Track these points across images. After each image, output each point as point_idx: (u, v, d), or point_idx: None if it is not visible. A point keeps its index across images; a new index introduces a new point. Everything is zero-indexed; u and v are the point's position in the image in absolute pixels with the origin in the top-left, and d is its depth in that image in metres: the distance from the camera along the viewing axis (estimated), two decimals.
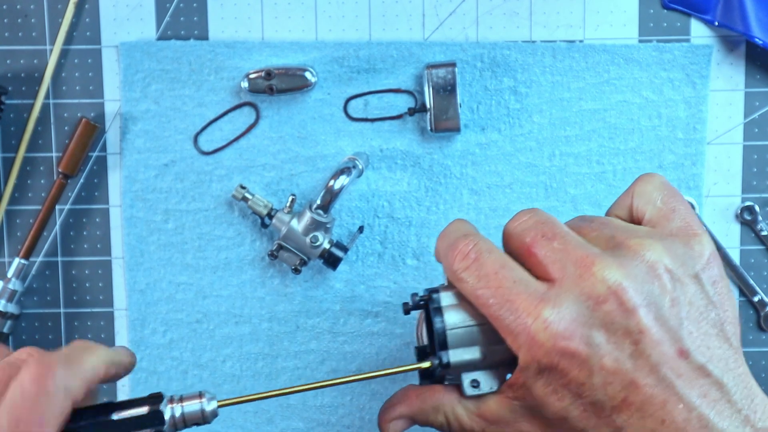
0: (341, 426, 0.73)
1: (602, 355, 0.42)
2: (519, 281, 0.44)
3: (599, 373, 0.42)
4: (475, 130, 0.70)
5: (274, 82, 0.69)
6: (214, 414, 0.47)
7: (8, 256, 0.72)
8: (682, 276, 0.44)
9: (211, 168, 0.71)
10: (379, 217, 0.71)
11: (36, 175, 0.72)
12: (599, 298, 0.42)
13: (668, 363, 0.42)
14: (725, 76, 0.70)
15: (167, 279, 0.72)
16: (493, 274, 0.45)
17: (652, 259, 0.43)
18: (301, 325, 0.72)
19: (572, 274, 0.43)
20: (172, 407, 0.47)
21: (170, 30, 0.71)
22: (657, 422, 0.42)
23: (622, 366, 0.42)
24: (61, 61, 0.71)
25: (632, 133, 0.70)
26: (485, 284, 0.45)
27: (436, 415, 0.49)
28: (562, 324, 0.42)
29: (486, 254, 0.46)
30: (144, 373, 0.72)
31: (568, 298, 0.43)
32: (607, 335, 0.42)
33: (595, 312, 0.42)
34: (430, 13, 0.70)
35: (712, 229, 0.71)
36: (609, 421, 0.43)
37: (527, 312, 0.43)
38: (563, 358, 0.42)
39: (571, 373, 0.43)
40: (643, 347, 0.42)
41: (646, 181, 0.49)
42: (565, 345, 0.42)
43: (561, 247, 0.44)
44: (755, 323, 0.72)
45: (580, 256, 0.44)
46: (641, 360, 0.42)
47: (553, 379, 0.43)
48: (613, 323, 0.42)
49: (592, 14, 0.70)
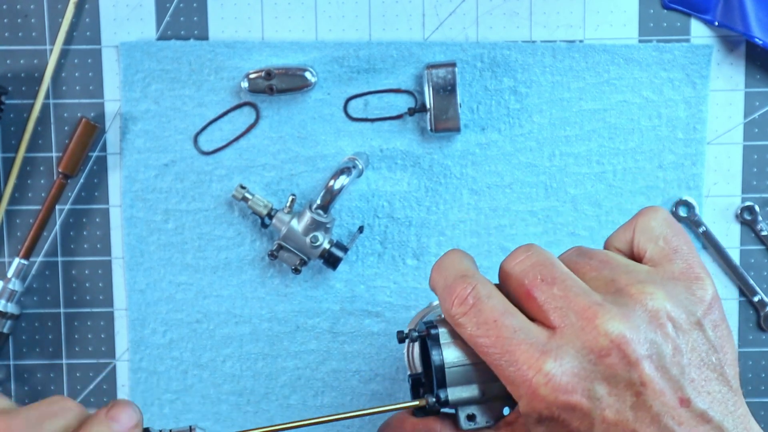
0: (341, 426, 0.73)
1: (603, 407, 0.42)
2: (519, 330, 0.44)
3: (600, 425, 0.42)
4: (475, 130, 0.70)
5: (274, 82, 0.69)
6: None
7: (8, 256, 0.72)
8: (684, 323, 0.43)
9: (211, 168, 0.71)
10: (379, 217, 0.71)
11: (36, 175, 0.72)
12: (602, 352, 0.42)
13: (669, 412, 0.42)
14: (725, 76, 0.70)
15: (167, 279, 0.72)
16: (492, 321, 0.44)
17: (655, 308, 0.43)
18: (301, 325, 0.72)
19: (574, 325, 0.43)
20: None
21: (170, 30, 0.71)
22: None
23: (623, 417, 0.42)
24: (61, 61, 0.71)
25: (632, 133, 0.70)
26: (485, 332, 0.44)
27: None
28: (564, 378, 0.42)
29: (485, 300, 0.45)
30: (144, 373, 0.72)
31: (570, 351, 0.42)
32: (609, 388, 0.42)
33: (597, 366, 0.42)
34: (430, 13, 0.70)
35: (712, 229, 0.71)
36: None
37: (528, 365, 0.43)
38: (564, 411, 0.42)
39: (572, 425, 0.42)
40: (644, 398, 0.42)
41: (649, 216, 0.48)
42: (566, 399, 0.42)
43: (561, 294, 0.44)
44: (755, 323, 0.72)
45: (582, 306, 0.43)
46: (643, 411, 0.42)
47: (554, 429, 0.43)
48: (615, 376, 0.42)
49: (592, 14, 0.70)
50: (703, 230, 0.71)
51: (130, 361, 0.72)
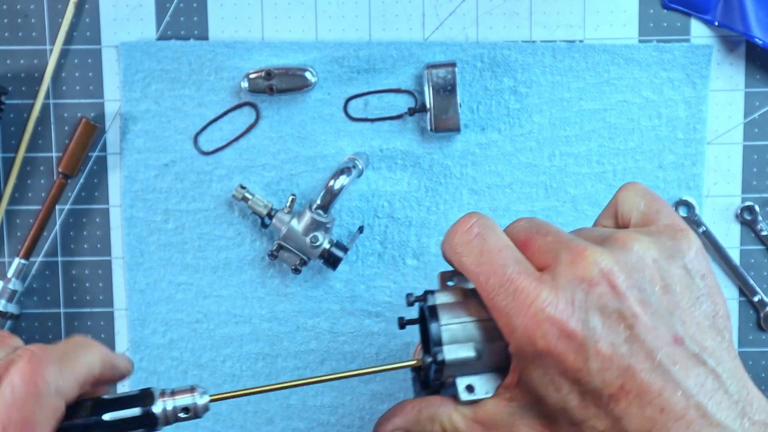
0: (341, 426, 0.73)
1: (598, 339, 0.42)
2: (520, 262, 0.45)
3: (595, 358, 0.42)
4: (475, 130, 0.70)
5: (274, 82, 0.69)
6: (205, 408, 0.47)
7: (8, 256, 0.72)
8: (670, 267, 0.44)
9: (211, 168, 0.71)
10: (379, 217, 0.71)
11: (36, 175, 0.72)
12: (592, 281, 0.43)
13: (663, 349, 0.42)
14: (725, 76, 0.70)
15: (167, 279, 0.72)
16: (496, 251, 0.45)
17: (641, 250, 0.44)
18: (301, 325, 0.72)
19: (565, 260, 0.44)
20: (164, 401, 0.46)
21: (170, 30, 0.71)
22: (656, 410, 0.42)
23: (617, 351, 0.42)
24: (61, 61, 0.71)
25: (632, 133, 0.70)
26: (487, 261, 0.45)
27: (432, 425, 0.48)
28: (560, 305, 0.43)
29: (489, 231, 0.46)
30: (144, 373, 0.72)
31: (563, 281, 0.43)
32: (602, 318, 0.43)
33: (589, 295, 0.43)
34: (430, 13, 0.70)
35: (712, 229, 0.71)
36: (607, 411, 0.42)
37: (526, 293, 0.43)
38: (560, 340, 0.42)
39: (567, 359, 0.43)
40: (637, 332, 0.42)
41: (628, 189, 0.50)
42: (562, 326, 0.42)
43: (555, 239, 0.46)
44: (755, 323, 0.72)
45: (573, 245, 0.44)
46: (636, 345, 0.42)
47: (550, 368, 0.43)
48: (606, 306, 0.43)
49: (592, 14, 0.70)
50: (703, 230, 0.71)
51: None
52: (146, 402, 0.46)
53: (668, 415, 0.42)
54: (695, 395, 0.42)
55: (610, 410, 0.42)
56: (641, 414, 0.42)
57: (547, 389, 0.44)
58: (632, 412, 0.42)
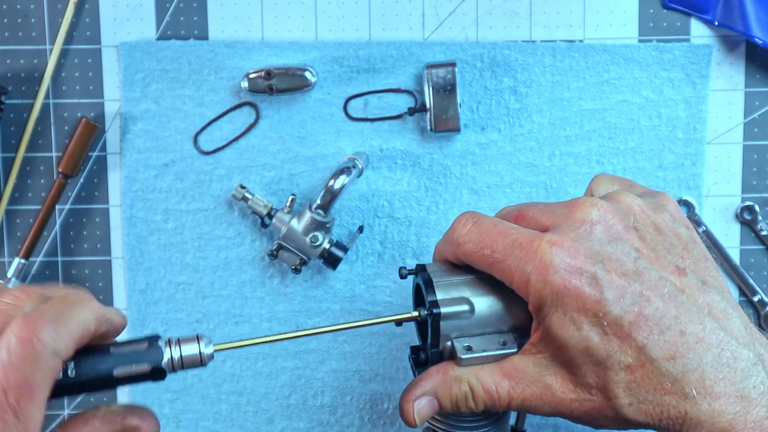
0: (341, 426, 0.73)
1: (608, 269, 0.44)
2: (517, 227, 0.48)
3: (609, 287, 0.44)
4: (475, 130, 0.70)
5: (274, 82, 0.69)
6: (210, 357, 0.48)
7: (8, 256, 0.72)
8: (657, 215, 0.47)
9: (211, 168, 0.71)
10: (379, 217, 0.71)
11: (36, 175, 0.72)
12: (592, 221, 0.45)
13: (669, 278, 0.44)
14: (725, 75, 0.70)
15: (167, 279, 0.72)
16: (493, 227, 0.48)
17: (629, 201, 0.47)
18: (301, 325, 0.72)
19: (563, 212, 0.47)
20: (170, 349, 0.47)
21: (170, 30, 0.71)
22: (676, 334, 0.43)
23: (629, 279, 0.44)
24: (61, 61, 0.71)
25: (632, 132, 0.70)
26: (488, 236, 0.48)
27: (459, 386, 0.49)
28: (565, 244, 0.44)
29: (482, 217, 0.49)
30: None
31: (564, 227, 0.46)
32: (609, 251, 0.45)
33: (591, 234, 0.45)
34: (430, 13, 0.70)
35: (712, 229, 0.71)
36: (630, 340, 0.43)
37: (531, 243, 0.45)
38: (573, 275, 0.44)
39: (584, 292, 0.44)
40: (643, 263, 0.44)
41: (599, 177, 0.54)
42: (572, 260, 0.44)
43: (546, 205, 0.49)
44: (755, 323, 0.72)
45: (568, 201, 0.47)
46: (645, 274, 0.44)
47: (568, 307, 0.44)
48: (610, 242, 0.45)
49: (592, 14, 0.70)
50: (703, 230, 0.71)
51: None
52: (153, 352, 0.46)
53: (689, 337, 0.43)
54: (708, 319, 0.43)
55: (632, 339, 0.43)
56: (663, 339, 0.43)
57: (568, 330, 0.44)
58: (654, 338, 0.43)
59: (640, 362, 0.43)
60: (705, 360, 0.42)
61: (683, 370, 0.43)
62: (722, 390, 0.42)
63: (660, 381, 0.43)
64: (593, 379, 0.44)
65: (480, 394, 0.48)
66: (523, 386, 0.47)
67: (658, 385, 0.43)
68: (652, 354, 0.43)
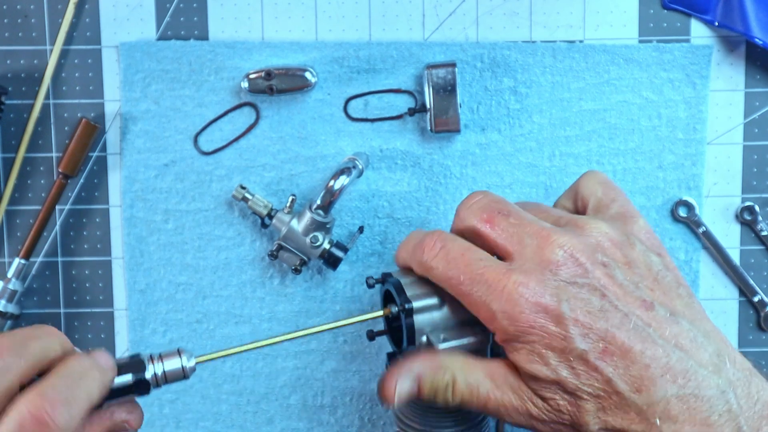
0: (341, 426, 0.73)
1: (573, 308, 0.45)
2: (484, 259, 0.48)
3: (575, 325, 0.45)
4: (475, 130, 0.70)
5: (274, 82, 0.69)
6: (192, 370, 0.50)
7: (8, 256, 0.72)
8: (627, 247, 0.48)
9: (211, 168, 0.71)
10: (379, 218, 0.71)
11: (36, 175, 0.72)
12: (558, 263, 0.46)
13: (636, 313, 0.45)
14: (725, 76, 0.70)
15: (167, 279, 0.72)
16: (460, 256, 0.48)
17: (598, 234, 0.48)
18: (301, 325, 0.72)
19: (531, 245, 0.47)
20: (153, 365, 0.49)
21: (170, 30, 0.71)
22: (641, 368, 0.44)
23: (594, 317, 0.45)
24: (61, 61, 0.71)
25: (632, 133, 0.70)
26: (455, 266, 0.48)
27: (443, 374, 0.50)
28: (531, 284, 0.46)
29: (450, 242, 0.50)
30: None
31: (531, 266, 0.46)
32: (574, 291, 0.46)
33: (557, 275, 0.46)
34: (430, 13, 0.70)
35: (711, 229, 0.71)
36: (597, 375, 0.45)
37: (497, 280, 0.46)
38: (538, 314, 0.45)
39: (549, 330, 0.45)
40: (609, 299, 0.45)
41: (588, 176, 0.55)
42: (538, 301, 0.45)
43: (517, 222, 0.49)
44: (755, 323, 0.72)
45: (536, 230, 0.48)
46: (611, 311, 0.45)
47: (535, 344, 0.46)
48: (576, 282, 0.46)
49: (592, 14, 0.70)
50: (703, 230, 0.71)
51: None
52: (137, 369, 0.49)
53: (654, 370, 0.44)
54: (674, 350, 0.45)
55: (600, 372, 0.45)
56: (629, 373, 0.44)
57: (536, 366, 0.46)
58: (620, 372, 0.44)
59: (607, 393, 0.45)
60: (670, 391, 0.44)
61: (648, 402, 0.44)
62: (687, 418, 0.44)
63: (627, 410, 0.45)
64: (564, 406, 0.46)
65: (461, 388, 0.49)
66: (502, 392, 0.48)
67: (625, 414, 0.45)
68: (618, 387, 0.45)
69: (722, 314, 0.72)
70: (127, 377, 0.48)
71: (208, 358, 0.51)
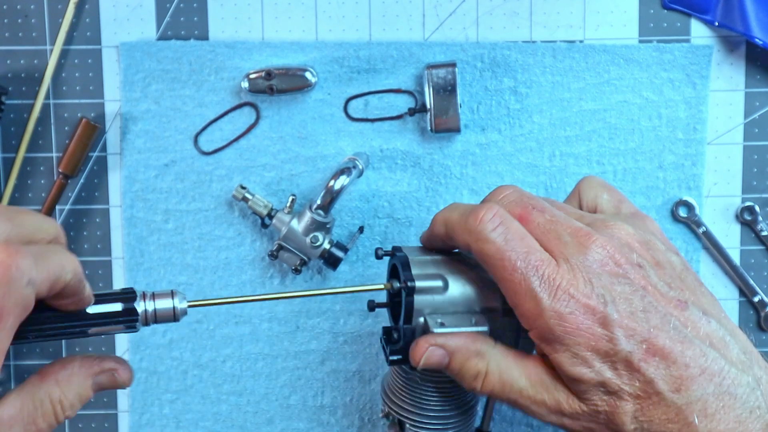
0: (341, 426, 0.73)
1: (618, 310, 0.46)
2: (541, 251, 0.48)
3: (619, 327, 0.46)
4: (475, 130, 0.70)
5: (274, 82, 0.69)
6: (183, 312, 0.49)
7: None
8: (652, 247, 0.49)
9: (211, 168, 0.71)
10: (379, 218, 0.71)
11: (36, 175, 0.72)
12: (602, 261, 0.47)
13: (673, 313, 0.46)
14: (725, 76, 0.70)
15: (167, 279, 0.72)
16: (520, 239, 0.48)
17: (625, 234, 0.49)
18: (301, 325, 0.72)
19: (572, 243, 0.48)
20: (144, 303, 0.48)
21: (170, 30, 0.71)
22: (681, 368, 0.45)
23: (637, 318, 0.46)
24: (61, 61, 0.71)
25: (632, 133, 0.70)
26: (514, 247, 0.48)
27: (476, 361, 0.50)
28: (580, 285, 0.46)
29: (509, 221, 0.49)
30: (144, 373, 0.72)
31: (576, 263, 0.47)
32: (618, 291, 0.46)
33: (601, 274, 0.47)
34: (430, 13, 0.70)
35: (712, 229, 0.71)
36: (639, 376, 0.46)
37: (552, 277, 0.46)
38: (586, 316, 0.46)
39: (596, 334, 0.46)
40: (650, 300, 0.46)
41: (589, 181, 0.56)
42: (586, 302, 0.46)
43: (552, 219, 0.49)
44: (755, 323, 0.72)
45: (573, 228, 0.48)
46: (651, 312, 0.46)
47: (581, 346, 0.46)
48: (619, 282, 0.47)
49: (592, 14, 0.70)
50: (703, 230, 0.71)
51: (130, 361, 0.72)
52: (128, 300, 0.47)
53: (693, 369, 0.45)
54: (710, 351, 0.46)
55: (641, 374, 0.45)
56: (669, 373, 0.45)
57: (580, 368, 0.46)
58: (661, 373, 0.45)
59: (647, 394, 0.46)
60: (708, 390, 0.45)
61: (687, 401, 0.45)
62: (722, 416, 0.45)
63: (665, 410, 0.45)
64: (602, 406, 0.47)
65: (493, 381, 0.50)
66: (536, 392, 0.49)
67: (663, 415, 0.45)
68: (658, 387, 0.45)
69: None
70: (117, 305, 0.47)
71: (201, 304, 0.50)
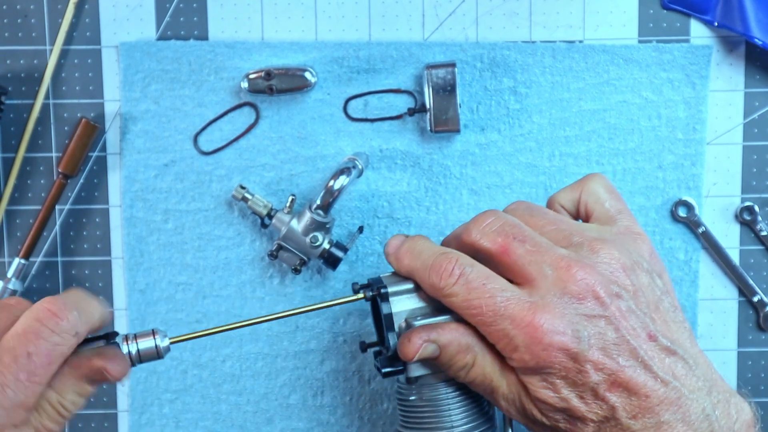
0: (341, 426, 0.73)
1: (591, 345, 0.47)
2: (505, 290, 0.49)
3: (590, 361, 0.47)
4: (474, 130, 0.70)
5: (274, 82, 0.69)
6: (167, 350, 0.51)
7: (8, 256, 0.72)
8: (636, 273, 0.50)
9: (211, 168, 0.71)
10: (379, 218, 0.71)
11: (36, 175, 0.72)
12: (579, 295, 0.48)
13: (643, 347, 0.48)
14: (725, 76, 0.70)
15: (167, 279, 0.72)
16: (481, 286, 0.49)
17: (610, 259, 0.49)
18: (301, 325, 0.72)
19: (550, 276, 0.49)
20: (127, 345, 0.50)
21: (170, 30, 0.71)
22: (642, 398, 0.47)
23: (608, 353, 0.47)
24: (61, 61, 0.71)
25: (632, 133, 0.70)
26: (476, 296, 0.49)
27: (465, 354, 0.51)
28: (555, 321, 0.47)
29: (470, 269, 0.50)
30: (144, 373, 0.72)
31: (553, 298, 0.48)
32: (592, 328, 0.48)
33: (578, 308, 0.48)
34: (430, 13, 0.70)
35: (711, 229, 0.71)
36: (602, 404, 0.48)
37: (521, 316, 0.48)
38: (559, 351, 0.47)
39: (566, 366, 0.48)
40: (621, 335, 0.48)
41: (595, 182, 0.56)
42: (559, 338, 0.47)
43: (534, 249, 0.49)
44: (755, 323, 0.72)
45: (554, 259, 0.49)
46: (622, 346, 0.48)
47: (552, 375, 0.48)
48: (594, 316, 0.48)
49: (592, 14, 0.70)
50: (702, 230, 0.71)
51: None
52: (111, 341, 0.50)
53: (652, 400, 0.47)
54: (671, 381, 0.48)
55: (605, 401, 0.48)
56: (630, 402, 0.47)
57: (548, 393, 0.48)
58: (623, 401, 0.47)
59: (607, 419, 0.48)
60: (663, 417, 0.47)
61: (643, 427, 0.47)
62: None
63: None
64: (563, 425, 0.49)
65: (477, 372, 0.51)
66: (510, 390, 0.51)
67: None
68: (619, 414, 0.48)
69: (722, 314, 0.72)
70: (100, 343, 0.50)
71: (182, 339, 0.52)
